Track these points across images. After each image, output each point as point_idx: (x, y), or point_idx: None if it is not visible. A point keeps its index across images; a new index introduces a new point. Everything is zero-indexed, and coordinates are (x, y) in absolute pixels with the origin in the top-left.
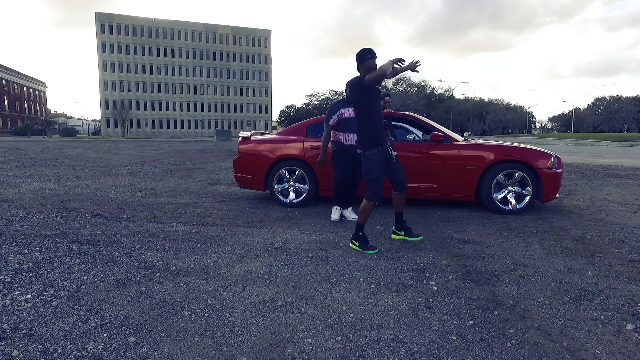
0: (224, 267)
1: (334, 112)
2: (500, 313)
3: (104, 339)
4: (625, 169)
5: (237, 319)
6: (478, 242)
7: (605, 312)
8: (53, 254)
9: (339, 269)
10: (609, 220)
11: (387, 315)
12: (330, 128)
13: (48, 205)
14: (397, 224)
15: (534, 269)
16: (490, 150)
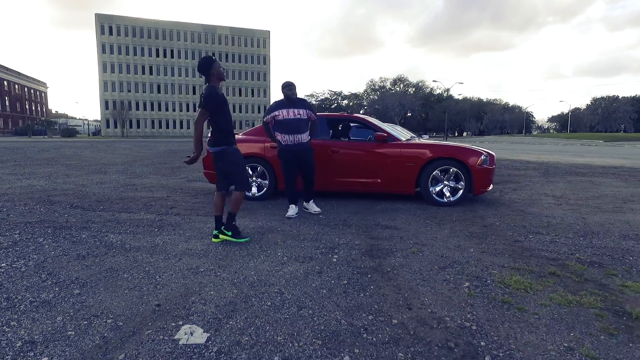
0: (170, 246)
1: (270, 112)
2: (373, 276)
3: (55, 291)
4: (591, 168)
5: (163, 280)
6: (398, 228)
7: (458, 276)
8: (30, 236)
9: (266, 247)
10: (530, 211)
11: (282, 277)
12: (266, 124)
13: (35, 199)
14: (226, 223)
15: (428, 247)
16: (427, 149)
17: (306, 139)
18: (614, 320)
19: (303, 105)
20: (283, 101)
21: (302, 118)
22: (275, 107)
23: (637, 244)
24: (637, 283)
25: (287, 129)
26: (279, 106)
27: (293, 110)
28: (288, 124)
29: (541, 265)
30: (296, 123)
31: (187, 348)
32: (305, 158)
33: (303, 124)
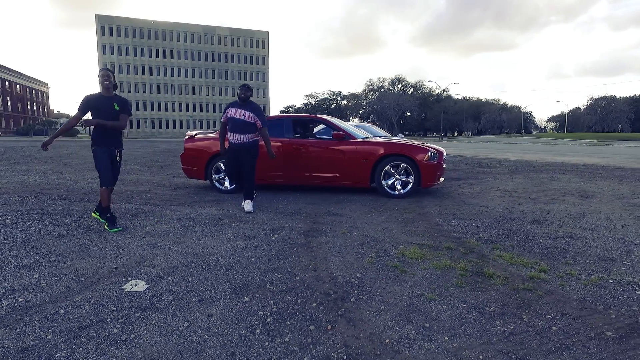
0: (138, 228)
1: (225, 111)
2: (299, 250)
3: (35, 259)
4: (562, 166)
5: (125, 252)
6: (343, 215)
7: (369, 249)
8: (19, 220)
9: (219, 229)
10: (471, 202)
11: (223, 250)
12: (223, 124)
13: (28, 192)
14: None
15: (359, 229)
16: (380, 146)
17: (245, 140)
18: (471, 278)
19: (252, 110)
20: (237, 101)
21: (247, 120)
22: (229, 106)
23: (539, 227)
24: (510, 254)
25: (232, 127)
26: (232, 105)
27: (241, 110)
28: (233, 122)
29: (443, 242)
30: (239, 123)
31: (130, 294)
32: (242, 158)
33: (246, 126)
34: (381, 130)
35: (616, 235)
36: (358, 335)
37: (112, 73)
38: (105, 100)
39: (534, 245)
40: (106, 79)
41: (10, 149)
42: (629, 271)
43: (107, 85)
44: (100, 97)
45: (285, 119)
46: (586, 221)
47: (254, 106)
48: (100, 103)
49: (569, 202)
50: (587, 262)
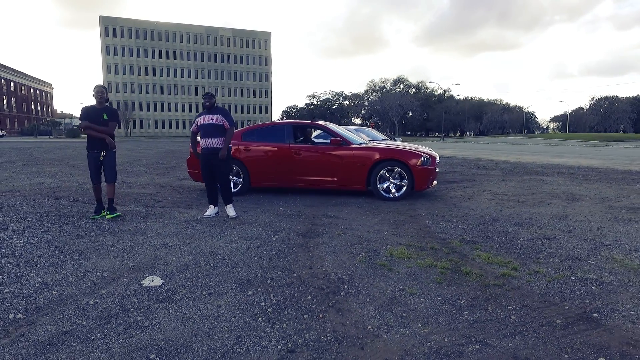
0: (151, 229)
1: (194, 122)
2: (297, 249)
3: (61, 257)
4: (557, 168)
5: (140, 251)
6: (339, 217)
7: (360, 249)
8: (40, 222)
9: (225, 230)
10: (461, 205)
11: (228, 250)
12: (194, 134)
13: (43, 195)
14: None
15: (354, 231)
16: (375, 151)
17: (217, 144)
18: (449, 275)
19: (219, 112)
20: (204, 110)
21: (216, 123)
22: (198, 115)
23: (520, 228)
24: (488, 254)
25: (203, 133)
26: (200, 114)
27: (209, 116)
28: (204, 128)
29: (429, 243)
30: (209, 127)
31: (148, 288)
32: (216, 162)
33: (215, 128)
34: (379, 133)
35: (589, 237)
36: (345, 323)
37: (106, 89)
38: (97, 110)
39: (511, 245)
40: (100, 94)
41: (18, 150)
42: (592, 269)
43: (100, 100)
44: (94, 108)
45: (285, 126)
46: (565, 223)
47: (220, 110)
48: (93, 113)
49: (555, 205)
50: (557, 261)
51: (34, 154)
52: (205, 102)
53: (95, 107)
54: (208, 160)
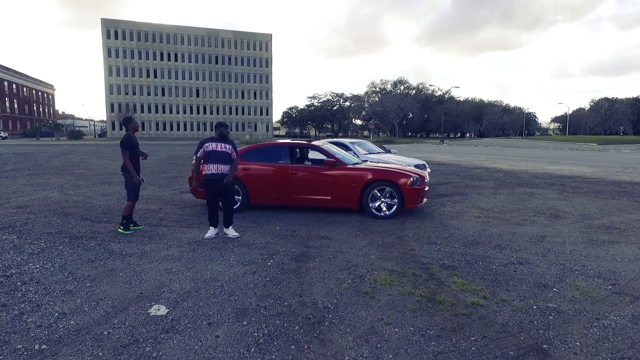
0: (155, 252)
1: (201, 146)
2: (290, 275)
3: (75, 284)
4: (548, 178)
5: (146, 277)
6: (331, 238)
7: (347, 275)
8: (52, 244)
9: (224, 253)
10: (448, 224)
11: (227, 276)
12: (199, 160)
13: (52, 211)
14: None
15: (343, 254)
16: (367, 172)
17: (226, 171)
18: (424, 304)
19: (230, 143)
20: (214, 137)
21: (227, 152)
22: (206, 141)
23: (498, 252)
24: (463, 280)
25: (214, 159)
26: (210, 140)
27: (221, 144)
28: (215, 155)
29: (411, 269)
30: (222, 155)
31: (155, 318)
32: (225, 186)
33: (227, 157)
34: (375, 146)
35: (561, 261)
36: (326, 354)
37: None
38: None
39: (487, 271)
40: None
41: (22, 155)
42: (554, 297)
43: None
44: (134, 138)
45: (282, 146)
46: (542, 246)
47: (231, 141)
48: (135, 141)
49: (537, 224)
50: (525, 288)
51: (38, 160)
52: (223, 130)
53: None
54: (216, 185)
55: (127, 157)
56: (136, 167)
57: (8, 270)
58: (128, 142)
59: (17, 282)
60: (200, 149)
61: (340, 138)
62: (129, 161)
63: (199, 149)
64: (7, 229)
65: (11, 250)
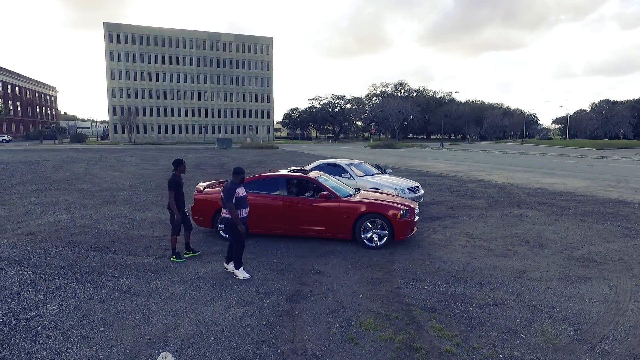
0: (161, 291)
1: (233, 192)
2: (284, 318)
3: (89, 329)
4: (540, 195)
5: (153, 320)
6: (324, 273)
7: (336, 318)
8: (65, 281)
9: (224, 291)
10: (435, 255)
11: (227, 319)
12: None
13: (61, 238)
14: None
15: (334, 293)
16: (360, 204)
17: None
18: (403, 351)
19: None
20: (237, 183)
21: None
22: (236, 187)
23: (478, 290)
24: (441, 325)
25: (244, 204)
26: (237, 186)
27: (243, 189)
28: (244, 200)
29: (394, 312)
30: (246, 200)
31: None
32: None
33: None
34: (372, 167)
35: (533, 302)
36: None
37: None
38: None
39: (464, 314)
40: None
41: (28, 165)
42: (520, 345)
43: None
44: (181, 178)
45: (280, 178)
46: (519, 283)
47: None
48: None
49: (519, 255)
50: (495, 335)
51: (44, 171)
52: (244, 176)
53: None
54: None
55: (172, 197)
56: (181, 204)
57: (28, 312)
58: (175, 183)
59: (38, 326)
60: (234, 195)
61: (339, 140)
62: (173, 201)
63: (232, 194)
64: (23, 262)
65: (29, 288)
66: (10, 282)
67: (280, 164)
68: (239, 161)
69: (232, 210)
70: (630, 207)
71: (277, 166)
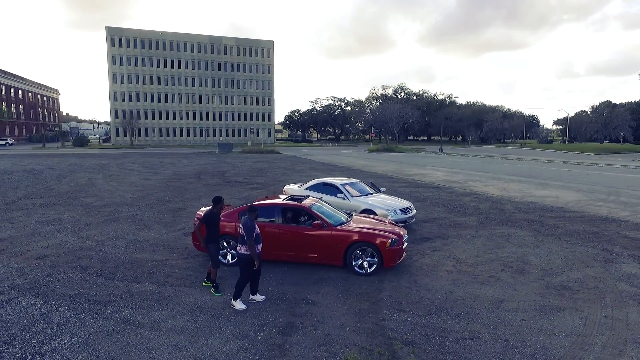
0: (163, 322)
1: (253, 230)
2: (275, 352)
3: None
4: (531, 211)
5: (157, 354)
6: (315, 303)
7: (322, 353)
8: (75, 312)
9: (222, 324)
10: (421, 282)
11: (223, 354)
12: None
13: (69, 263)
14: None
15: (324, 325)
16: (351, 233)
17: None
18: None
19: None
20: (252, 219)
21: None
22: (253, 225)
23: (457, 322)
24: None
25: (258, 240)
26: (254, 223)
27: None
28: (259, 237)
29: (379, 345)
30: (260, 236)
31: None
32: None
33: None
34: (368, 187)
35: (506, 336)
36: None
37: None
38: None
39: (441, 348)
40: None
41: (32, 174)
42: None
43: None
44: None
45: (276, 207)
46: (496, 315)
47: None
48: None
49: (501, 282)
50: None
51: (48, 182)
52: (222, 204)
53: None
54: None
55: (200, 227)
56: (214, 234)
57: (42, 346)
58: (208, 217)
59: None
60: (254, 232)
61: (340, 142)
62: (199, 231)
63: (252, 232)
64: (34, 290)
65: (41, 319)
66: (24, 313)
67: (280, 171)
68: (239, 169)
69: (251, 247)
70: (616, 225)
71: (277, 175)
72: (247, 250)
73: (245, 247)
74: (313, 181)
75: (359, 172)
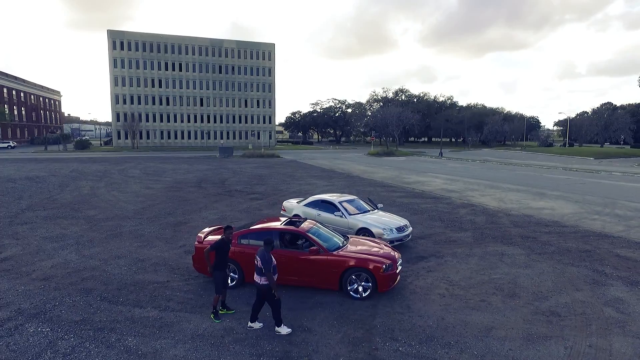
0: (165, 352)
1: (270, 261)
2: None
3: None
4: (526, 225)
5: None
6: (312, 331)
7: None
8: (80, 341)
9: (221, 352)
10: (414, 308)
11: None
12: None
13: (73, 285)
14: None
15: (318, 355)
16: (346, 259)
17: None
18: None
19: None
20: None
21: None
22: (271, 257)
23: (446, 353)
24: None
25: (275, 270)
26: (270, 255)
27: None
28: (275, 268)
29: None
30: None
31: None
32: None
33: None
34: (365, 204)
35: None
36: None
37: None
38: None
39: None
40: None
41: (34, 182)
42: None
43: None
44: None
45: (274, 231)
46: (484, 344)
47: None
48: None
49: (491, 307)
50: None
51: (51, 191)
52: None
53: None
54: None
55: (208, 253)
56: (222, 262)
57: None
58: (217, 245)
59: None
60: (271, 263)
61: (341, 144)
62: (208, 257)
63: (270, 263)
64: (40, 316)
65: (48, 349)
66: (31, 342)
67: (280, 179)
68: (239, 175)
69: (270, 278)
70: (608, 242)
71: (277, 183)
72: (266, 281)
73: (264, 279)
74: (312, 198)
75: (358, 179)
